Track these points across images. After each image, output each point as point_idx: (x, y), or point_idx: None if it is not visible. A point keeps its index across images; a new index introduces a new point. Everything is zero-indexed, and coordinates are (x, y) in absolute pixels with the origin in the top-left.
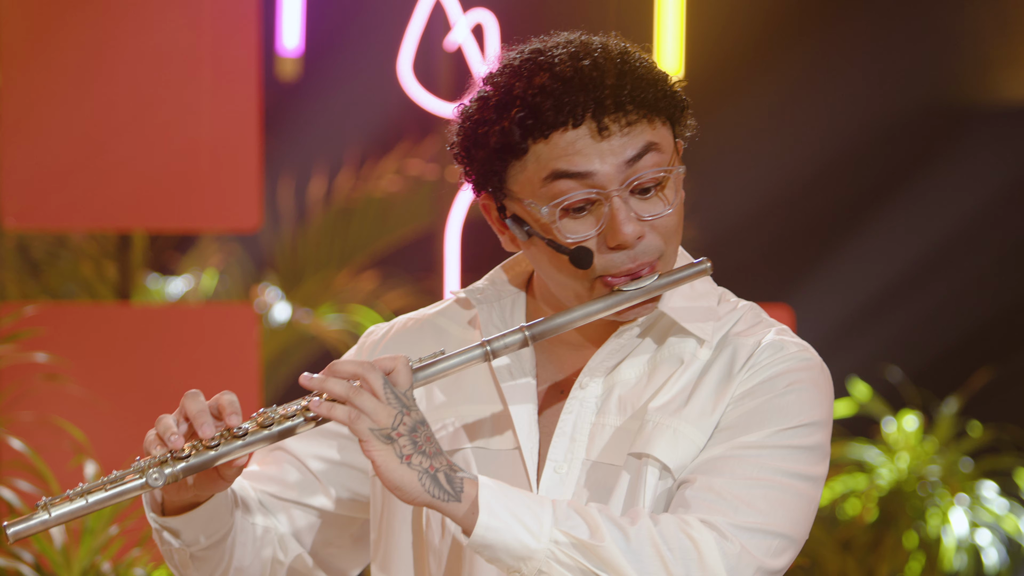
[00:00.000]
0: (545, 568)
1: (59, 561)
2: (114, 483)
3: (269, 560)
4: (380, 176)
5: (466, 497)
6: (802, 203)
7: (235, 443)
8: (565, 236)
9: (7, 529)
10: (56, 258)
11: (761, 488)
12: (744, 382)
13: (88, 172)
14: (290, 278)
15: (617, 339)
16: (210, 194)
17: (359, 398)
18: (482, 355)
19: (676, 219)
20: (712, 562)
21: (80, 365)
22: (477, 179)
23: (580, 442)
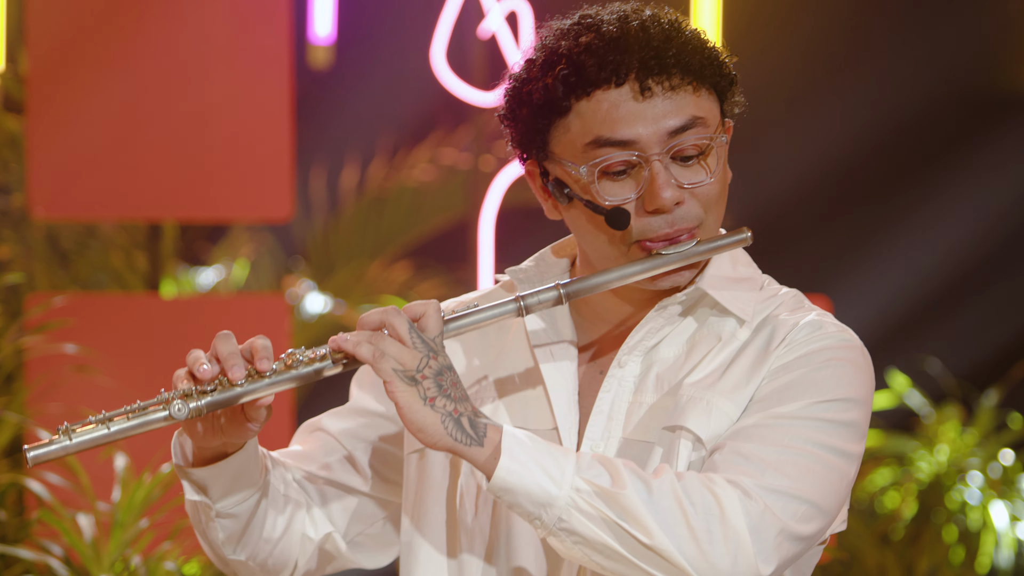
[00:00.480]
0: (565, 516)
1: (89, 554)
2: (137, 413)
3: (299, 536)
4: (413, 165)
5: (489, 442)
6: (842, 192)
7: (261, 382)
8: (603, 198)
9: (27, 453)
10: (86, 248)
11: (791, 455)
12: (780, 357)
13: (118, 161)
14: (322, 268)
15: (656, 318)
16: (241, 183)
17: (383, 342)
18: (515, 310)
19: (718, 189)
20: (734, 518)
21: (110, 356)
22: (521, 141)
23: (617, 420)
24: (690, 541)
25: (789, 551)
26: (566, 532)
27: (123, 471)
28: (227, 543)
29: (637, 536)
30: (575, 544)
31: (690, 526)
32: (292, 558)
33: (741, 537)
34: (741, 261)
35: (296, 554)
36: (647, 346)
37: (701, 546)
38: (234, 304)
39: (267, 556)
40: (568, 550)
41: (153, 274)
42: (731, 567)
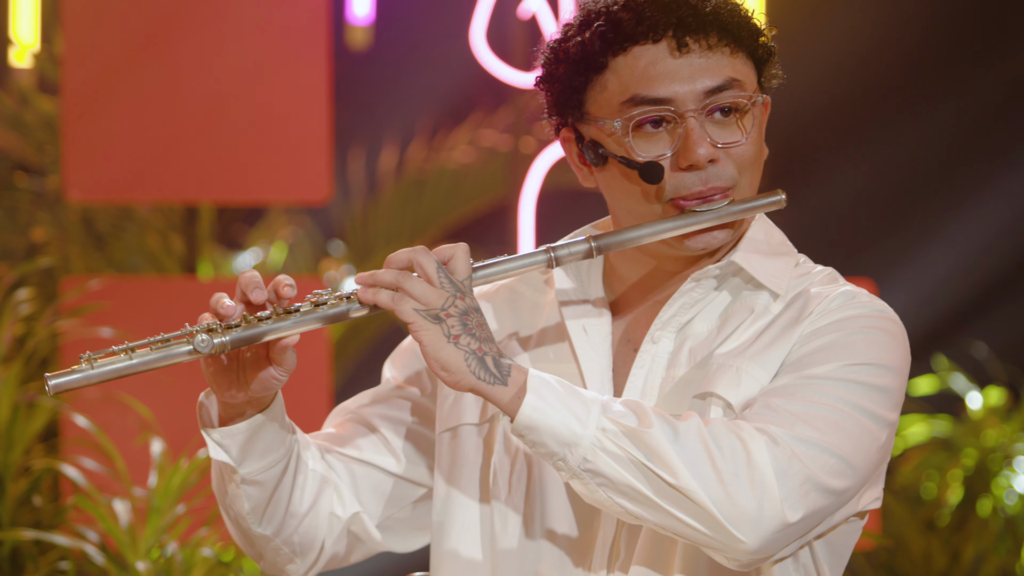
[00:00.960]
0: (591, 456)
1: (125, 540)
2: (161, 345)
3: (327, 514)
4: (453, 147)
5: (513, 382)
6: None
7: (285, 320)
8: (637, 154)
9: (48, 380)
10: (121, 231)
11: (822, 410)
12: (813, 323)
13: (154, 143)
14: (360, 251)
15: (690, 292)
16: (279, 166)
17: (408, 282)
18: (545, 261)
19: (753, 151)
20: (760, 462)
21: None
22: (557, 102)
23: (650, 397)
24: (716, 483)
25: (817, 502)
26: (591, 473)
27: (159, 456)
28: (252, 514)
29: (663, 476)
30: (599, 486)
31: (716, 468)
32: (319, 537)
33: (767, 481)
34: (776, 239)
35: (323, 533)
36: (681, 322)
37: (727, 488)
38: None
39: (293, 532)
40: (592, 493)
41: (190, 257)
42: (757, 510)
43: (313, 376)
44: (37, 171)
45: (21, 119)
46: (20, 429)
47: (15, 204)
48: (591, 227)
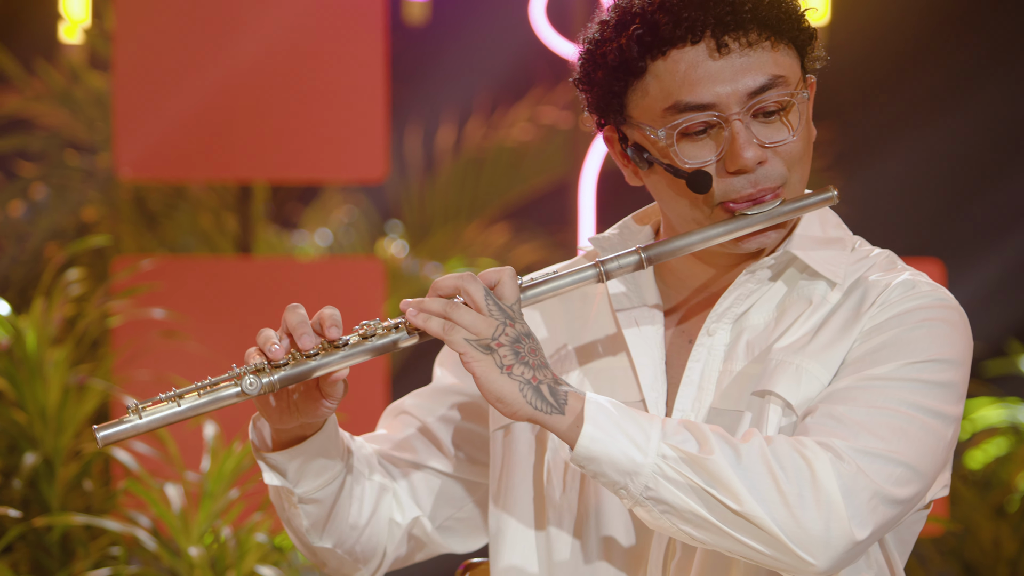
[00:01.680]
0: (652, 484)
1: (177, 525)
2: (208, 389)
3: (387, 521)
4: (512, 124)
5: (570, 410)
6: (955, 151)
7: (334, 355)
8: (683, 161)
9: (97, 432)
10: (174, 210)
11: (885, 416)
12: (873, 318)
13: (207, 120)
14: (418, 231)
15: (745, 283)
16: (335, 143)
17: (456, 312)
18: (595, 276)
19: (801, 146)
20: (826, 481)
21: (199, 321)
22: (598, 106)
23: (707, 390)
24: (781, 506)
25: (885, 515)
26: (653, 501)
27: (212, 440)
28: (312, 530)
29: (726, 503)
30: (663, 513)
31: (780, 490)
32: (380, 544)
33: (833, 500)
34: (831, 223)
35: (384, 540)
36: (736, 313)
37: (792, 511)
38: (327, 267)
39: (354, 543)
40: (656, 520)
41: (243, 236)
42: (824, 531)
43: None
44: (88, 149)
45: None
46: (70, 412)
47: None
48: (631, 218)
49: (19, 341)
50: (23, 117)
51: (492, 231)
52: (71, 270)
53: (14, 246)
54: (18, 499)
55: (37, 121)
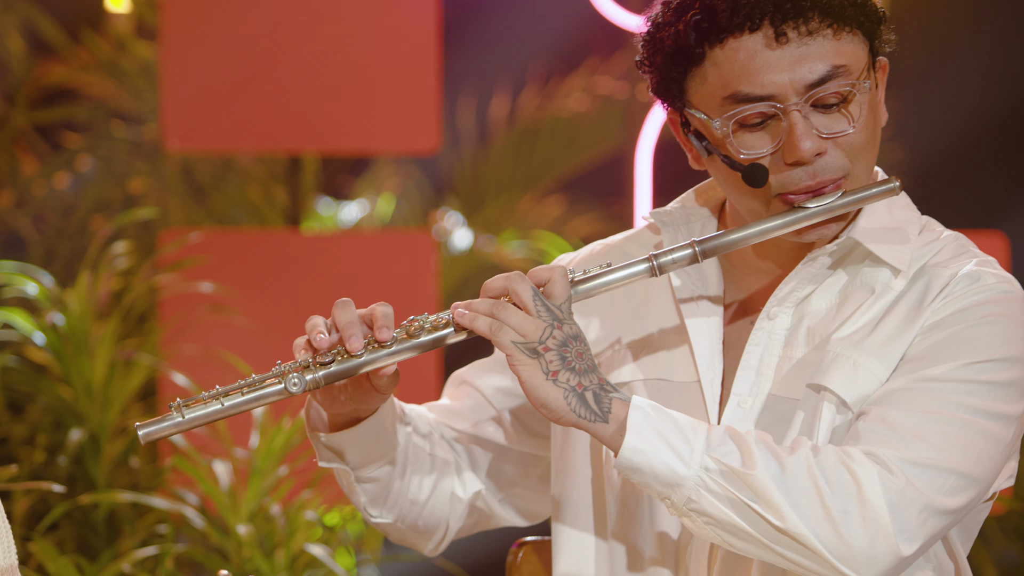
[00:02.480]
0: (695, 497)
1: (225, 503)
2: (252, 387)
3: (448, 496)
4: (567, 94)
5: (614, 418)
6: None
7: (380, 352)
8: (739, 151)
9: (139, 430)
10: (222, 182)
11: (939, 423)
12: (935, 312)
13: (256, 91)
14: (471, 203)
15: (808, 267)
16: (386, 114)
17: (504, 312)
18: (647, 270)
19: (863, 137)
20: (872, 497)
21: (247, 295)
22: (658, 89)
23: (766, 376)
24: (825, 522)
25: (935, 527)
26: (696, 513)
27: (261, 416)
28: (371, 506)
29: (769, 519)
30: (707, 524)
31: (825, 506)
32: (443, 519)
33: (880, 516)
34: (899, 204)
35: (446, 515)
36: (798, 297)
37: (837, 528)
38: (378, 240)
39: (416, 518)
40: (700, 530)
41: (293, 209)
42: (869, 548)
43: None
44: (135, 120)
45: (118, 65)
46: (117, 388)
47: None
48: (692, 193)
49: (65, 315)
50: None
51: (547, 203)
52: (118, 243)
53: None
54: (63, 476)
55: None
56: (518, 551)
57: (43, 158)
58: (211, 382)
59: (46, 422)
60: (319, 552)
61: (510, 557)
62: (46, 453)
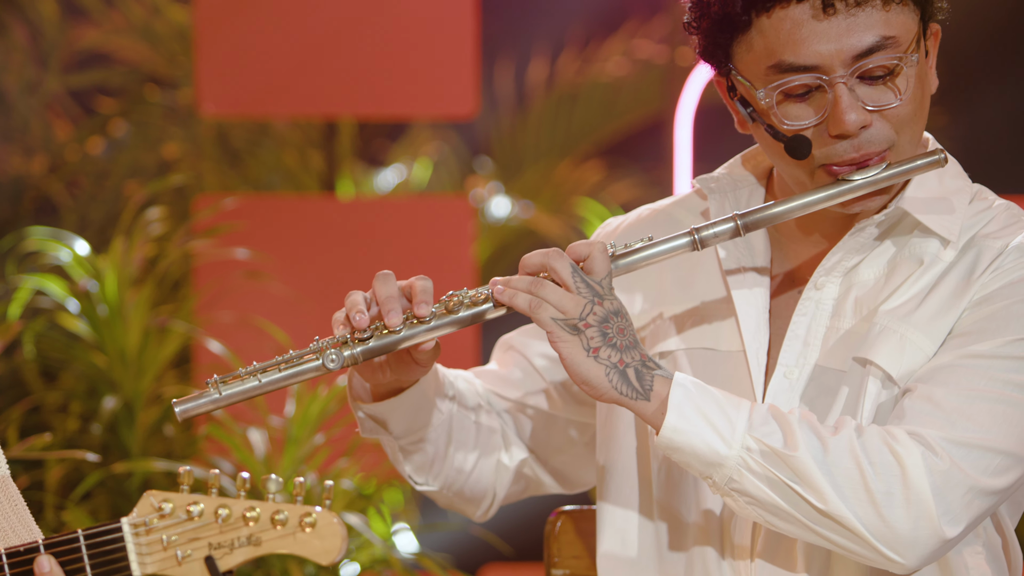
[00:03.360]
0: (736, 477)
1: (260, 471)
2: (289, 363)
3: (494, 464)
4: (606, 58)
5: (656, 396)
6: None
7: (419, 328)
8: (783, 122)
9: (175, 407)
10: (257, 147)
11: (986, 401)
12: (984, 286)
13: (292, 55)
14: (509, 168)
15: (856, 236)
16: (423, 78)
17: (543, 289)
18: (689, 244)
19: (910, 109)
20: (916, 479)
21: (283, 262)
22: (704, 52)
23: (813, 346)
24: (867, 505)
25: (980, 508)
26: (738, 493)
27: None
28: (417, 474)
29: (810, 500)
30: (748, 504)
31: (868, 488)
32: (489, 487)
33: (923, 499)
34: (948, 172)
35: (493, 483)
36: (846, 267)
37: (879, 510)
38: (415, 206)
39: (462, 486)
40: (742, 510)
41: (329, 174)
42: (912, 530)
43: None
44: (169, 84)
45: (152, 29)
46: (151, 355)
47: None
48: (739, 157)
49: (99, 282)
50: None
51: (585, 169)
52: (152, 209)
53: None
54: (97, 444)
55: (117, 55)
56: (556, 520)
57: (77, 123)
58: (246, 349)
59: (80, 390)
60: (355, 521)
61: (548, 526)
62: (80, 421)
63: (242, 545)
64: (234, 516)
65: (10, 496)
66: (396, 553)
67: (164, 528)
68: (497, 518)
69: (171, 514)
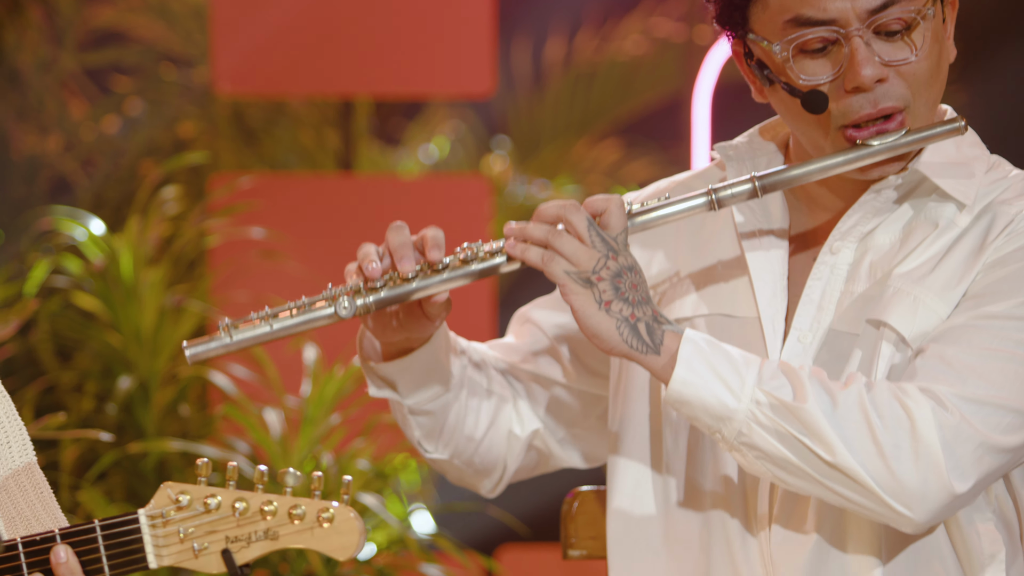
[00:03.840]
0: (745, 431)
1: (276, 451)
2: (302, 309)
3: (505, 433)
4: (624, 37)
5: (666, 350)
6: None
7: (432, 278)
8: (799, 77)
9: (186, 350)
10: (273, 125)
11: (998, 360)
12: (998, 249)
13: (308, 33)
14: (526, 147)
15: (873, 201)
16: (440, 57)
17: (558, 240)
18: (706, 204)
19: (927, 67)
20: (926, 433)
21: (299, 241)
22: (720, 16)
23: (827, 311)
24: (876, 457)
25: (990, 465)
26: (747, 447)
27: (313, 363)
28: (426, 440)
29: (819, 452)
30: (757, 459)
31: (876, 441)
32: (500, 457)
33: (932, 452)
34: (967, 141)
35: (504, 453)
36: (862, 232)
37: (888, 463)
38: (431, 185)
39: (472, 454)
40: (751, 465)
41: (345, 153)
42: (921, 484)
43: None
44: (185, 62)
45: (168, 8)
46: (166, 334)
47: (162, 97)
48: (758, 129)
49: (114, 261)
50: (118, 30)
51: (603, 148)
52: (167, 188)
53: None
54: (112, 424)
55: (132, 34)
56: (573, 500)
57: (92, 101)
58: None
59: (95, 369)
60: (371, 501)
61: (565, 506)
62: (95, 401)
63: (259, 539)
64: (251, 510)
65: (36, 483)
66: (412, 533)
67: (181, 520)
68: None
69: (188, 506)
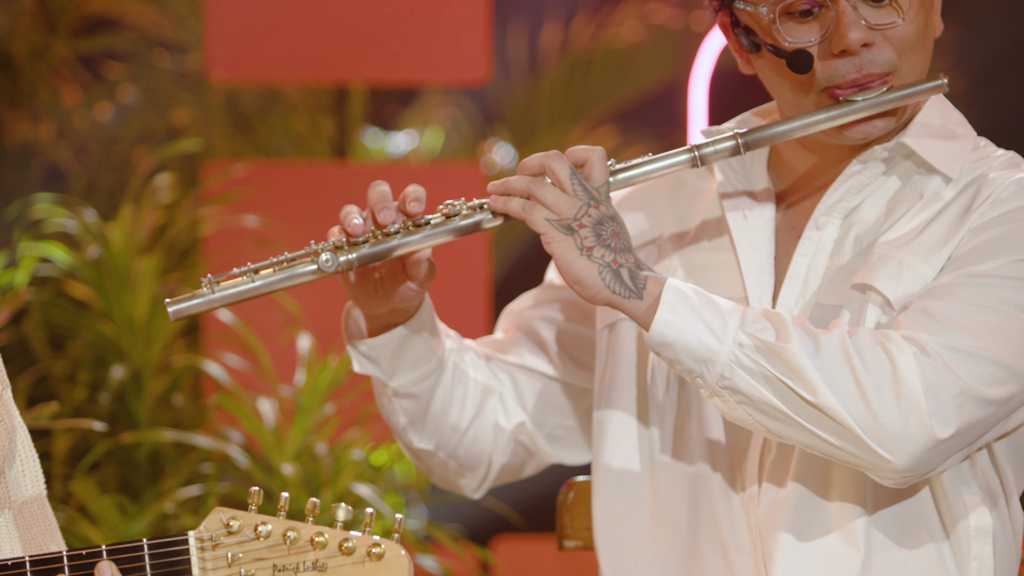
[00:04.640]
0: (728, 373)
1: (270, 441)
2: (285, 265)
3: (491, 425)
4: (620, 23)
5: (648, 295)
6: None
7: (414, 235)
8: (785, 39)
9: (168, 307)
10: (267, 113)
11: (981, 314)
12: (982, 215)
13: (302, 19)
14: (522, 134)
15: (857, 175)
16: (435, 43)
17: (540, 189)
18: (689, 160)
19: (913, 32)
20: (907, 376)
21: (293, 229)
22: None
23: (812, 285)
24: (858, 399)
25: (972, 414)
26: (729, 391)
27: (307, 353)
28: (410, 428)
29: (801, 393)
30: (739, 404)
31: (858, 383)
32: (485, 450)
33: (914, 396)
34: (953, 119)
35: (489, 446)
36: (847, 207)
37: (870, 404)
38: (427, 172)
39: (456, 446)
40: (732, 411)
41: (340, 140)
42: (902, 427)
43: (471, 271)
44: (178, 49)
45: None
46: (159, 324)
47: (155, 84)
48: (751, 114)
49: (107, 249)
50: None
51: (599, 134)
52: (160, 175)
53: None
54: (105, 414)
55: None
56: (568, 491)
57: (85, 88)
58: (256, 319)
59: (87, 359)
60: (366, 492)
61: (560, 497)
62: (87, 390)
63: (307, 570)
64: (302, 539)
65: (46, 515)
66: (407, 524)
67: (231, 545)
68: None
69: (239, 531)
